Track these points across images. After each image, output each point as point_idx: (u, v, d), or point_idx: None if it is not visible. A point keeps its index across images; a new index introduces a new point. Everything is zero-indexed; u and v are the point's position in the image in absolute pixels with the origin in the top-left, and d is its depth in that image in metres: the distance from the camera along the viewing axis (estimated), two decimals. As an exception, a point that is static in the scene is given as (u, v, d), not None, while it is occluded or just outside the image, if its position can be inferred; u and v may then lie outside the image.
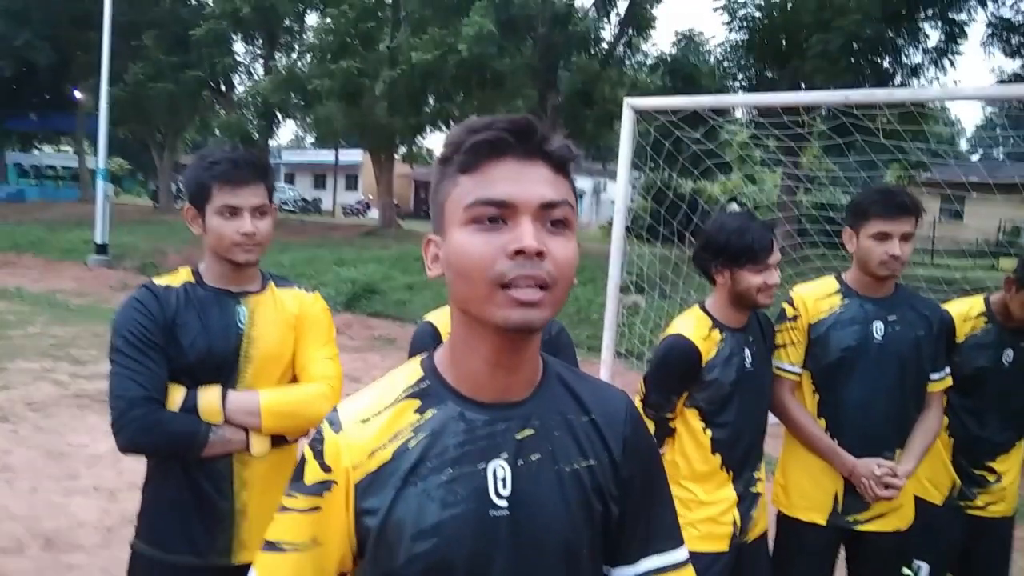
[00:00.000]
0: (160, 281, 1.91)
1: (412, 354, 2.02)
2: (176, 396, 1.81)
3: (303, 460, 1.02)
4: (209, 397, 1.82)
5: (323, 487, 0.99)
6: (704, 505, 2.26)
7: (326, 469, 0.99)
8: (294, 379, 1.99)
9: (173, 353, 1.81)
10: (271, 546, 1.01)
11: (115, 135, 22.45)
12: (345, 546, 0.99)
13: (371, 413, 1.01)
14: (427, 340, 2.04)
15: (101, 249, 16.22)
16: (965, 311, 2.63)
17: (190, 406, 1.80)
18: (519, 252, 0.88)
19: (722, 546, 2.26)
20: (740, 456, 2.31)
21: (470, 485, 0.96)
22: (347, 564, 1.01)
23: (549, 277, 0.90)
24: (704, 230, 2.38)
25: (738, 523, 2.30)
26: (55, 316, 10.61)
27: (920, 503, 2.55)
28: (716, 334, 2.30)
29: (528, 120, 0.93)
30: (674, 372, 2.31)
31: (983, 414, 2.59)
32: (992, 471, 2.60)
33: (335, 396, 1.93)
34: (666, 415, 2.31)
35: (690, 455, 2.28)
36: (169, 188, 28.02)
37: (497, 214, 0.91)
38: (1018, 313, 2.52)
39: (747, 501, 2.33)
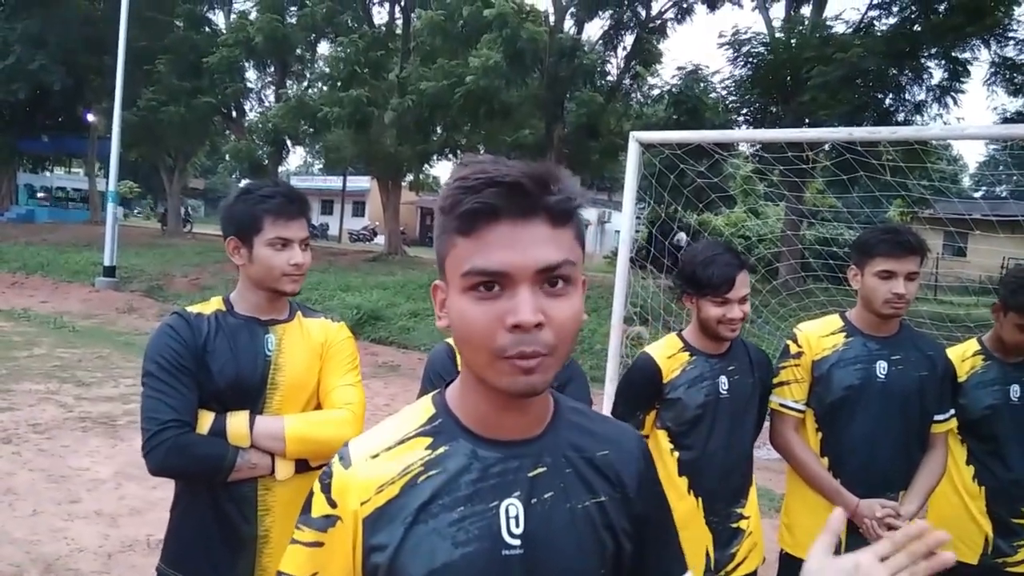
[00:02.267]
0: (192, 309, 1.98)
1: (427, 379, 2.05)
2: (205, 421, 1.85)
3: (312, 493, 1.02)
4: (237, 421, 1.86)
5: (328, 523, 0.99)
6: None
7: (332, 504, 0.99)
8: (319, 406, 2.03)
9: (203, 379, 1.86)
10: None
11: (125, 158, 22.65)
12: None
13: (381, 448, 1.01)
14: (446, 362, 2.08)
15: (109, 271, 16.30)
16: (961, 352, 2.62)
17: (219, 430, 1.85)
18: (516, 326, 0.88)
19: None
20: (711, 484, 2.31)
21: (482, 524, 0.96)
22: None
23: (547, 348, 0.89)
24: (681, 258, 2.43)
25: (711, 555, 2.29)
26: (61, 338, 10.65)
27: (954, 566, 2.51)
28: (684, 356, 2.36)
29: (520, 179, 0.88)
30: (635, 386, 2.42)
31: (1006, 456, 2.51)
32: None
33: (357, 422, 1.96)
34: None
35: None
36: (178, 212, 28.18)
37: (493, 282, 0.90)
38: (1010, 338, 2.49)
39: (725, 536, 2.32)
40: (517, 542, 0.96)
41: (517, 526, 0.97)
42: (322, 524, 0.99)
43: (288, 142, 23.51)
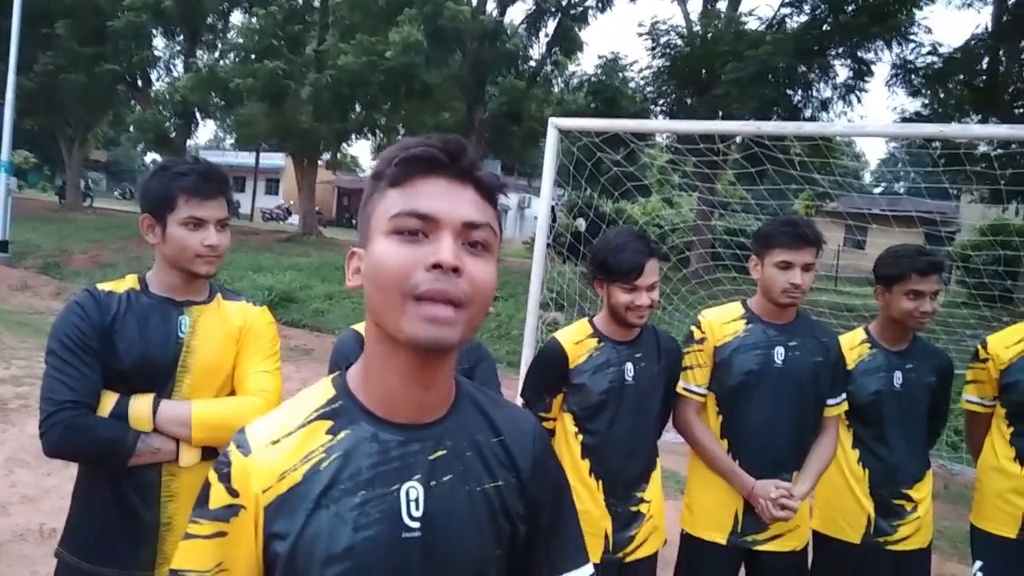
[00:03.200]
0: (104, 287, 1.90)
1: (334, 363, 2.01)
2: (108, 402, 1.79)
3: (207, 484, 0.99)
4: (140, 405, 1.80)
5: (230, 512, 0.96)
6: None
7: (233, 493, 0.96)
8: (233, 392, 1.97)
9: (108, 358, 1.80)
10: (176, 575, 0.99)
11: (21, 126, 21.33)
12: (253, 573, 0.97)
13: (282, 434, 1.00)
14: (353, 347, 2.03)
15: (1, 247, 15.37)
16: (849, 340, 2.74)
17: (120, 413, 1.78)
18: (436, 265, 0.90)
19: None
20: (612, 468, 2.37)
21: (383, 507, 0.96)
22: None
23: (463, 295, 0.91)
24: (594, 244, 2.47)
25: (610, 536, 2.36)
26: (-55, 316, 9.98)
27: (836, 543, 2.64)
28: (592, 342, 2.41)
29: (462, 142, 0.96)
30: (542, 371, 2.48)
31: (889, 440, 2.63)
32: (909, 499, 2.63)
33: (269, 410, 1.90)
34: (539, 413, 2.40)
35: (562, 457, 2.33)
36: (77, 185, 26.77)
37: (420, 227, 0.92)
38: (903, 308, 2.58)
39: (623, 518, 2.39)
40: (416, 524, 0.97)
41: (417, 509, 0.97)
42: (224, 514, 0.96)
43: (198, 114, 22.61)
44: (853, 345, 2.73)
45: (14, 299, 12.16)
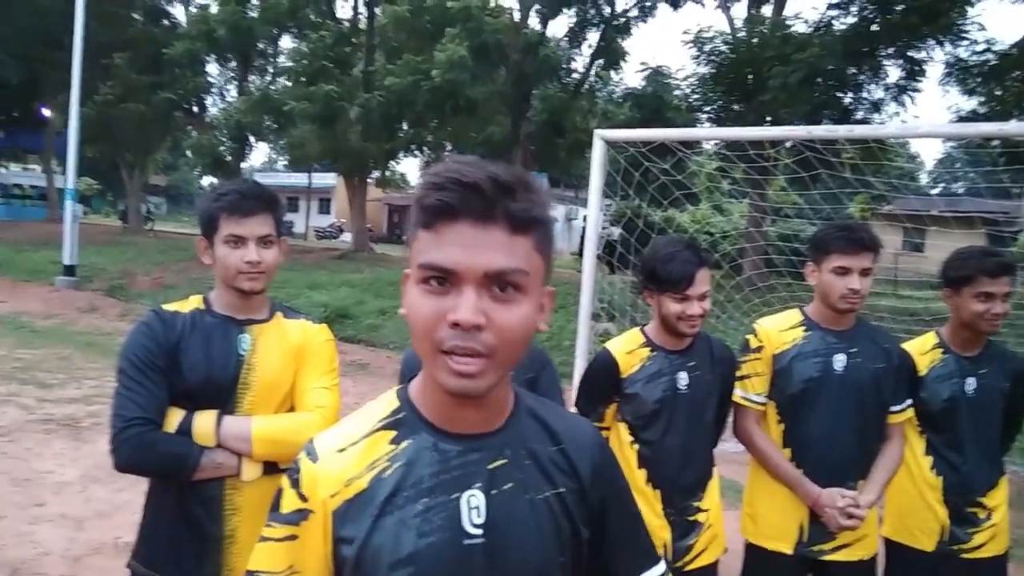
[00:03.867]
0: (169, 307, 1.98)
1: (405, 377, 2.01)
2: (174, 419, 1.85)
3: (280, 490, 1.05)
4: (204, 421, 1.86)
5: (300, 516, 1.02)
6: None
7: (303, 498, 1.02)
8: (293, 407, 2.02)
9: (174, 377, 1.87)
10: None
11: (84, 154, 22.20)
12: (323, 574, 1.02)
13: (348, 443, 1.05)
14: (418, 362, 2.05)
15: (69, 270, 15.98)
16: (919, 346, 2.69)
17: (185, 428, 1.85)
18: (456, 324, 0.91)
19: None
20: (669, 477, 2.36)
21: (445, 514, 1.00)
22: None
23: (486, 348, 0.92)
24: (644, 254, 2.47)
25: (668, 546, 2.35)
26: (20, 338, 10.41)
27: (910, 552, 2.59)
28: (644, 351, 2.41)
29: (481, 183, 0.91)
30: (594, 382, 2.48)
31: (962, 447, 2.58)
32: (983, 507, 2.58)
33: (327, 425, 1.93)
34: (593, 424, 2.39)
35: None
36: (139, 209, 27.69)
37: (443, 278, 0.93)
38: (971, 315, 2.53)
39: (682, 528, 2.38)
40: (479, 531, 1.00)
41: (479, 516, 1.01)
42: (294, 518, 1.02)
43: (251, 137, 23.24)
44: (924, 350, 2.67)
45: (83, 321, 12.63)
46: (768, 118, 14.06)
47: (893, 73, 15.20)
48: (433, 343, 0.93)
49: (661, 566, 1.16)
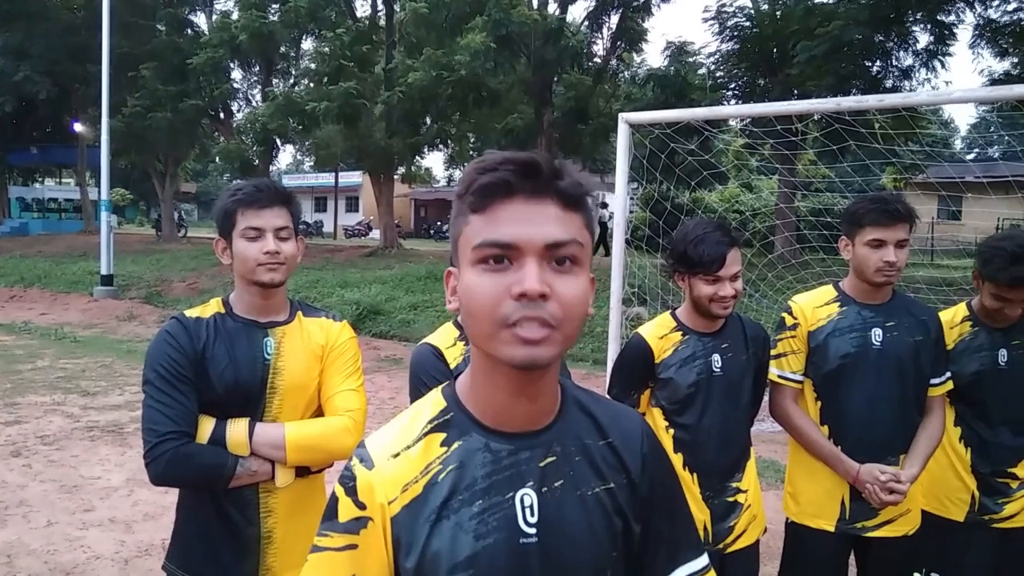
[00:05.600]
0: (191, 313, 1.96)
1: (416, 378, 1.96)
2: (205, 428, 1.86)
3: (335, 498, 1.02)
4: (236, 429, 1.87)
5: (359, 524, 1.00)
6: None
7: (360, 506, 1.00)
8: (319, 408, 2.03)
9: (202, 386, 1.86)
10: None
11: (116, 165, 22.62)
12: None
13: (401, 447, 1.03)
14: (432, 361, 1.98)
15: (106, 280, 16.33)
16: (949, 318, 2.63)
17: (218, 438, 1.85)
18: (522, 295, 0.90)
19: None
20: (706, 460, 2.33)
21: (500, 515, 0.99)
22: None
23: (553, 318, 0.91)
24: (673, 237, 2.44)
25: (709, 529, 2.32)
26: (63, 349, 10.68)
27: (941, 521, 2.56)
28: (676, 335, 2.37)
29: (536, 159, 0.93)
30: (627, 367, 2.45)
31: (991, 419, 2.54)
32: (1015, 477, 2.54)
33: (357, 429, 1.96)
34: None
35: None
36: (172, 217, 28.15)
37: (502, 255, 0.92)
38: (989, 304, 2.50)
39: (721, 509, 2.35)
40: (533, 531, 0.99)
41: (532, 515, 1.00)
42: (353, 526, 1.00)
43: (278, 140, 23.46)
44: (954, 323, 2.61)
45: (122, 329, 12.90)
46: (795, 91, 13.82)
47: (922, 38, 14.87)
48: (497, 320, 0.91)
49: (704, 559, 1.13)
